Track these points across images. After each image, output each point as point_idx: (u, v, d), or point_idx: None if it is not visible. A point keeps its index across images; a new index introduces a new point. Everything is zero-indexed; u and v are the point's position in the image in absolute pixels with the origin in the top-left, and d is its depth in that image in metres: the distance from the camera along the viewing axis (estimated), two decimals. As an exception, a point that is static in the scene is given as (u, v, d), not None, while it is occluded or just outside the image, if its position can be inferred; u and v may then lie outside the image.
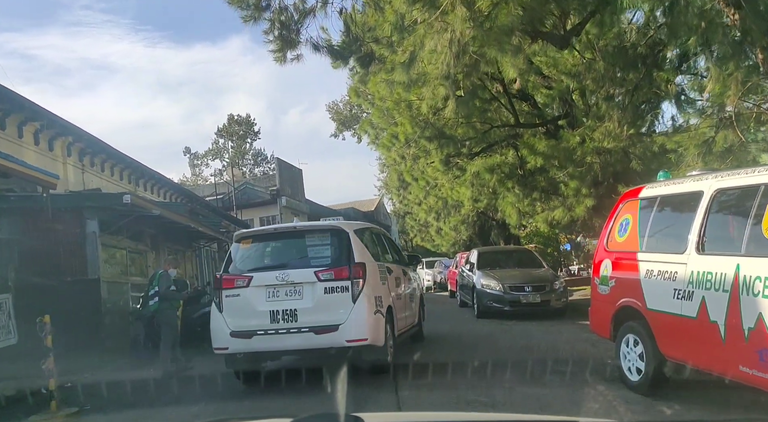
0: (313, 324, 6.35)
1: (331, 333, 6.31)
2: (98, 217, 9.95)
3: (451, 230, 29.64)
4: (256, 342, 6.44)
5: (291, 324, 6.39)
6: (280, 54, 8.70)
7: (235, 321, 6.52)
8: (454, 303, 17.08)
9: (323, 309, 6.39)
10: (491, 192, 16.16)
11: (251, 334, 6.43)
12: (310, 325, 6.36)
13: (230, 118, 73.31)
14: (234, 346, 6.52)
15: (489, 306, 12.41)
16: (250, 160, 73.59)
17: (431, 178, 17.71)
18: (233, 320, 6.53)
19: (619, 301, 5.83)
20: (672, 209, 5.55)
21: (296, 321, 6.39)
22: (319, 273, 6.48)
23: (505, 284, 12.25)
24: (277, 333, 6.40)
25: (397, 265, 8.29)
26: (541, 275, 12.86)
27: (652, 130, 13.06)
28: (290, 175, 42.64)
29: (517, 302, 12.06)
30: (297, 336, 6.38)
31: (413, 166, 16.06)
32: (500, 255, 14.54)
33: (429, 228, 33.75)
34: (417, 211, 31.00)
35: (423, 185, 17.94)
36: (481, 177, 15.92)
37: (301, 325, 6.38)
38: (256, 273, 6.65)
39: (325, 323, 6.34)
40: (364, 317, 6.41)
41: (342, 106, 53.89)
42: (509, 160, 15.69)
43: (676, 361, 5.13)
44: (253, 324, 6.46)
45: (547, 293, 12.09)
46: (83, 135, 16.04)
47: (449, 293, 20.07)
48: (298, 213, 43.16)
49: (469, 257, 14.96)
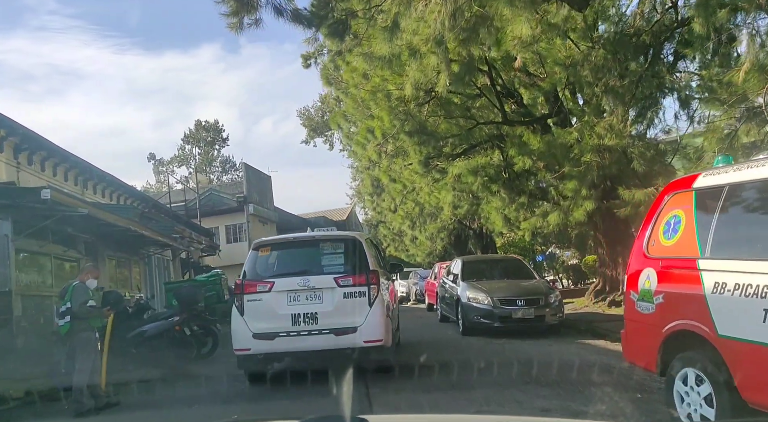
0: (333, 326, 6.79)
1: (350, 334, 6.76)
2: (12, 217, 8.20)
3: (427, 239, 28.25)
4: (279, 343, 6.83)
5: (312, 326, 6.81)
6: (235, 19, 7.15)
7: (257, 323, 6.88)
8: (434, 318, 15.61)
9: (342, 313, 6.83)
10: (473, 197, 14.82)
11: (274, 336, 6.81)
12: (330, 327, 6.78)
13: (198, 124, 71.08)
14: (256, 347, 6.87)
15: (476, 322, 10.97)
16: (218, 167, 71.32)
17: (408, 182, 16.28)
18: (255, 323, 6.88)
19: (670, 324, 4.41)
20: (751, 201, 4.16)
21: (317, 324, 6.81)
22: (339, 279, 6.95)
23: (495, 297, 10.83)
24: (299, 335, 6.81)
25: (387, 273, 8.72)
26: (534, 287, 11.47)
27: (662, 128, 11.84)
28: (258, 182, 40.76)
29: (508, 317, 10.64)
30: (318, 338, 6.78)
31: (390, 166, 14.59)
32: (486, 265, 13.11)
33: (403, 237, 32.31)
34: (391, 218, 29.54)
35: (400, 189, 16.50)
36: (463, 180, 14.57)
37: (321, 327, 6.80)
38: (278, 279, 7.04)
39: (344, 325, 6.78)
40: (379, 320, 6.91)
41: (313, 111, 52.33)
42: (495, 161, 14.36)
43: (763, 409, 3.72)
44: (276, 326, 6.84)
45: (541, 307, 10.71)
46: (18, 129, 14.16)
47: (427, 306, 18.60)
48: (266, 222, 41.27)
49: (451, 267, 13.53)
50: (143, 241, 13.85)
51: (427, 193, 16.01)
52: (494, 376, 7.12)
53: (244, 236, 38.56)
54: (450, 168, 14.73)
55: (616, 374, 6.46)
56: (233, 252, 39.18)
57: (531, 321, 10.63)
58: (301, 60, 28.55)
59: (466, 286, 11.60)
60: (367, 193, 28.76)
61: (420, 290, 24.94)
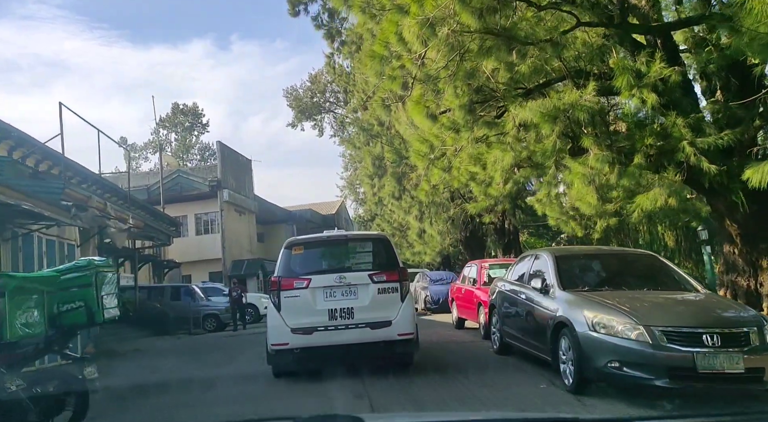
0: (369, 320, 7.14)
1: (385, 328, 7.13)
2: None
3: (438, 234, 22.80)
4: (317, 337, 7.11)
5: (348, 320, 7.13)
6: None
7: (295, 319, 7.14)
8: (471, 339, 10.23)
9: (377, 308, 7.19)
10: (545, 155, 9.40)
11: (312, 330, 7.10)
12: (366, 321, 7.13)
13: (175, 107, 64.99)
14: (294, 342, 7.12)
15: (610, 374, 5.54)
16: (196, 154, 65.21)
17: (437, 140, 10.81)
18: (292, 318, 7.14)
19: None
20: None
21: (353, 318, 7.14)
22: (373, 275, 7.37)
23: (654, 327, 5.38)
24: (336, 329, 7.12)
25: None
26: (727, 309, 6.05)
27: None
28: (235, 165, 34.89)
29: (689, 370, 5.18)
30: (355, 331, 7.11)
31: (424, 97, 9.06)
32: (601, 265, 7.52)
33: (406, 232, 26.81)
34: (393, 207, 24.03)
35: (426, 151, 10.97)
36: (537, 128, 9.14)
37: (358, 321, 7.14)
38: (315, 276, 7.34)
39: (379, 319, 7.15)
40: (410, 314, 7.39)
41: (302, 92, 46.58)
42: (589, 97, 8.89)
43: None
44: (314, 321, 7.13)
45: (755, 351, 5.26)
46: None
47: (455, 322, 13.11)
48: (244, 212, 35.45)
49: (525, 267, 8.00)
50: (13, 213, 8.22)
51: (469, 155, 10.59)
52: None
53: (217, 227, 32.76)
54: (513, 111, 9.28)
55: None
56: (203, 246, 33.38)
57: (737, 379, 5.19)
58: (289, 6, 23.19)
59: (578, 302, 6.15)
60: (366, 176, 23.19)
61: (435, 297, 19.48)
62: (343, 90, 43.47)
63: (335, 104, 47.05)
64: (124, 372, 9.62)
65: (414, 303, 8.31)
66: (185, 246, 32.27)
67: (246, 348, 12.48)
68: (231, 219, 33.14)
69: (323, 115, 47.07)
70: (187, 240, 33.02)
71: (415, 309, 7.80)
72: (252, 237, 35.87)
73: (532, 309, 7.15)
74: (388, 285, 7.23)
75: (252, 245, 35.50)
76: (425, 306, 20.16)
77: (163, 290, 20.49)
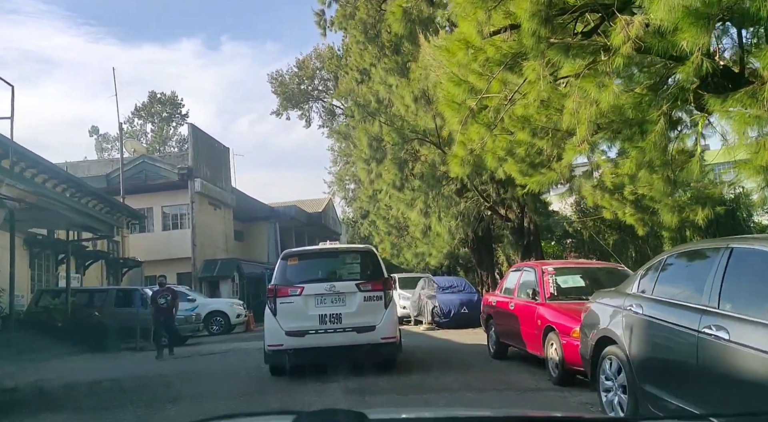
0: (355, 325, 7.88)
1: (370, 332, 7.85)
2: None
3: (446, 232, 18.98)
4: (309, 339, 7.82)
5: (337, 325, 7.87)
6: None
7: (289, 323, 7.87)
8: (535, 383, 6.54)
9: (363, 314, 7.95)
10: (685, 87, 5.68)
11: (304, 333, 7.81)
12: (353, 326, 7.87)
13: (152, 96, 60.57)
14: (288, 343, 7.84)
15: None
16: (174, 146, 60.72)
17: (485, 75, 7.02)
18: (286, 322, 7.87)
19: None
20: None
21: (341, 323, 7.89)
22: (360, 284, 8.11)
23: None
24: (326, 333, 7.85)
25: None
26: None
27: None
28: (209, 151, 30.70)
29: None
30: (342, 335, 7.85)
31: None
32: None
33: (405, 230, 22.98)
34: (393, 200, 20.17)
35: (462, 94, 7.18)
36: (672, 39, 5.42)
37: (345, 326, 7.87)
38: (307, 284, 8.11)
39: (365, 324, 7.86)
40: (393, 320, 8.19)
41: (288, 78, 42.58)
42: None
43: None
44: (306, 325, 7.86)
45: None
46: None
47: (494, 351, 9.28)
48: (219, 205, 31.28)
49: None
50: None
51: (537, 96, 6.79)
52: None
53: (187, 222, 28.59)
54: (623, 18, 5.56)
55: None
56: (170, 243, 29.13)
57: None
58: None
59: None
60: (361, 160, 19.31)
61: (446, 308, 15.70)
62: (333, 75, 39.87)
63: (324, 92, 43.21)
64: None
65: (397, 310, 9.22)
66: (150, 242, 28.11)
67: (184, 392, 8.53)
68: (203, 214, 29.03)
69: (311, 103, 43.14)
70: (152, 236, 28.87)
71: (397, 316, 8.69)
72: (228, 235, 31.72)
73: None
74: (373, 294, 8.02)
75: (228, 243, 31.36)
76: (432, 320, 16.35)
77: (106, 294, 16.40)
